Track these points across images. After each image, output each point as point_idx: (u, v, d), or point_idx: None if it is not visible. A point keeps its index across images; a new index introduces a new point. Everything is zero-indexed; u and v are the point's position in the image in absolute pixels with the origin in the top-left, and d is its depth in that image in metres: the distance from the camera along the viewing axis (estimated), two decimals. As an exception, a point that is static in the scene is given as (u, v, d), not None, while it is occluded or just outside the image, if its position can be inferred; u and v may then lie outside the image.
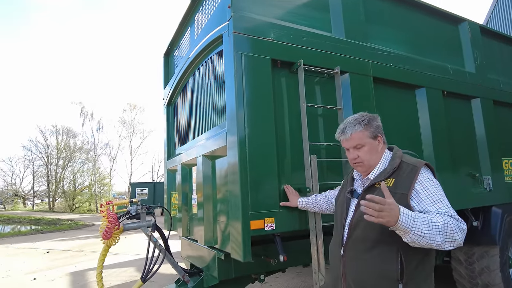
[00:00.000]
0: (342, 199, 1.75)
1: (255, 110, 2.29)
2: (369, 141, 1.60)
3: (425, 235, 1.28)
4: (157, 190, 20.35)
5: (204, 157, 2.83)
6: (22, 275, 6.18)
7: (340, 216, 1.69)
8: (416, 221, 1.29)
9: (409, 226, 1.28)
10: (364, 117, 1.62)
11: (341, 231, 1.65)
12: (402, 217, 1.27)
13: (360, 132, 1.60)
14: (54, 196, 35.49)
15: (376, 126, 1.63)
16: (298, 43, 2.56)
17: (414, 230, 1.28)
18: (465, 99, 3.66)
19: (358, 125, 1.61)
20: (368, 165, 1.61)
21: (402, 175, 1.51)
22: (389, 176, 1.53)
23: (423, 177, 1.48)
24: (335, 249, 1.71)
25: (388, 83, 3.03)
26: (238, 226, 2.17)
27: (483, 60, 3.87)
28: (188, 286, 2.86)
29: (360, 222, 1.51)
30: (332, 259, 1.76)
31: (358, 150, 1.61)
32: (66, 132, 35.46)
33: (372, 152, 1.60)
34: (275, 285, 4.85)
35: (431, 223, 1.30)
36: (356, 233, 1.55)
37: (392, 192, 1.40)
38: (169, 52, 4.37)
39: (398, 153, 1.62)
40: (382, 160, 1.62)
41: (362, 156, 1.60)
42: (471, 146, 3.60)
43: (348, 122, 1.65)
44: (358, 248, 1.53)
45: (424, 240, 1.29)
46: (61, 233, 13.70)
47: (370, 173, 1.61)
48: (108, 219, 2.54)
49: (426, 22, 3.60)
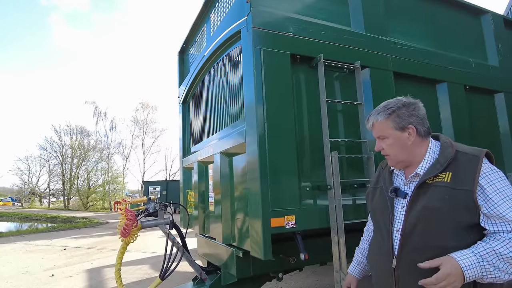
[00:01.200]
0: (381, 199, 1.46)
1: (274, 106, 2.25)
2: (393, 133, 1.36)
3: (500, 275, 1.10)
4: (170, 188, 20.56)
5: (222, 155, 2.81)
6: (40, 272, 6.30)
7: (383, 220, 1.41)
8: (483, 264, 1.10)
9: (480, 273, 1.10)
10: (391, 105, 1.38)
11: (388, 238, 1.36)
12: (467, 271, 1.08)
13: (381, 123, 1.39)
14: (69, 195, 36.24)
15: (408, 115, 1.35)
16: (317, 38, 2.52)
17: (487, 275, 1.10)
18: (488, 93, 3.55)
19: (381, 114, 1.39)
20: (396, 160, 1.39)
21: (461, 167, 1.24)
22: (443, 170, 1.26)
23: (486, 169, 1.22)
24: (380, 260, 1.41)
25: (409, 77, 2.96)
26: (258, 224, 2.14)
27: (507, 53, 3.74)
28: (206, 284, 2.85)
29: (416, 227, 1.26)
30: (378, 272, 1.45)
31: (382, 141, 1.41)
32: (80, 131, 36.18)
33: (398, 146, 1.36)
34: (290, 283, 4.81)
35: (500, 256, 1.10)
36: (413, 241, 1.27)
37: (452, 188, 1.20)
38: (184, 50, 4.37)
39: (448, 141, 1.35)
40: (429, 152, 1.35)
41: (386, 149, 1.40)
42: (494, 142, 3.49)
43: (375, 109, 1.44)
44: (416, 260, 1.22)
45: (502, 278, 1.11)
46: (76, 230, 13.96)
47: (418, 168, 1.34)
48: (127, 217, 2.54)
49: (447, 15, 3.49)
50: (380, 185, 1.51)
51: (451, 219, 1.19)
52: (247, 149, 2.34)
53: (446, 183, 1.23)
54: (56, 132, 36.90)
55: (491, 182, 1.19)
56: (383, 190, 1.45)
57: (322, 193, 2.36)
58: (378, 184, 1.52)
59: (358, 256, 1.72)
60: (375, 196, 1.52)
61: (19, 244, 10.11)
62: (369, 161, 2.49)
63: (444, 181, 1.24)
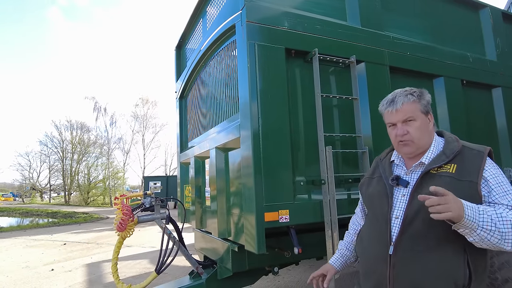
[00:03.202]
0: (379, 188, 1.46)
1: (269, 100, 2.25)
2: (421, 116, 1.36)
3: (495, 230, 1.11)
4: (170, 183, 20.59)
5: (217, 150, 2.82)
6: (40, 266, 6.35)
7: (380, 207, 1.41)
8: (483, 214, 1.12)
9: (476, 220, 1.11)
10: (415, 90, 1.39)
11: (386, 226, 1.35)
12: (468, 210, 1.10)
13: (413, 104, 1.36)
14: (70, 190, 36.35)
15: (428, 102, 1.39)
16: (313, 32, 2.50)
17: (482, 225, 1.11)
18: (485, 88, 3.53)
19: (411, 96, 1.37)
20: (417, 145, 1.36)
21: (466, 161, 1.29)
22: (449, 162, 1.30)
23: (490, 164, 1.29)
24: (376, 248, 1.39)
25: (405, 72, 2.95)
26: (252, 218, 2.15)
27: (505, 47, 3.72)
28: (202, 278, 2.87)
29: (418, 214, 1.27)
30: (369, 259, 1.44)
31: (407, 124, 1.36)
32: (80, 127, 36.14)
33: (423, 130, 1.36)
34: (287, 278, 4.84)
35: (501, 217, 1.13)
36: (414, 228, 1.28)
37: (457, 179, 1.24)
38: (181, 45, 4.35)
39: (453, 136, 1.40)
40: (434, 143, 1.38)
41: (412, 133, 1.35)
42: (491, 137, 3.48)
43: (397, 93, 1.41)
44: (416, 247, 1.26)
45: (494, 237, 1.11)
46: (76, 225, 14.02)
47: (423, 157, 1.36)
48: (123, 211, 2.56)
49: (444, 9, 3.47)
50: (376, 175, 1.51)
51: None
52: (241, 144, 2.34)
53: (451, 173, 1.27)
54: (56, 127, 36.98)
55: (494, 175, 1.26)
56: (382, 179, 1.45)
57: (316, 187, 2.36)
58: (375, 175, 1.53)
59: (342, 249, 1.72)
60: (370, 185, 1.53)
61: (20, 239, 10.17)
62: (364, 155, 2.49)
63: (449, 172, 1.27)
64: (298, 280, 4.72)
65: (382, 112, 1.46)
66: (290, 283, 4.63)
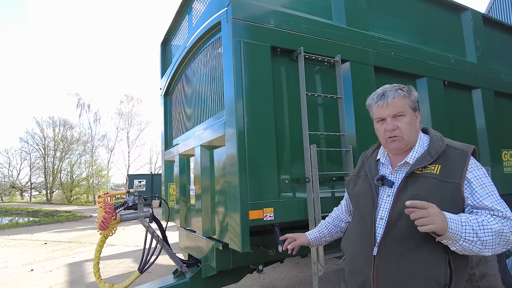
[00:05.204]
0: (364, 188, 1.45)
1: (254, 98, 2.24)
2: (410, 111, 1.35)
3: (476, 241, 1.12)
4: (155, 181, 20.37)
5: (202, 147, 2.79)
6: (19, 266, 6.16)
7: (366, 207, 1.40)
8: (465, 225, 1.13)
9: (459, 232, 1.12)
10: (403, 86, 1.38)
11: (371, 227, 1.35)
12: (451, 223, 1.10)
13: (403, 99, 1.34)
14: (52, 188, 35.41)
15: (415, 98, 1.38)
16: (298, 30, 2.50)
17: (465, 236, 1.12)
18: (466, 89, 3.63)
19: (401, 91, 1.35)
20: (406, 141, 1.35)
21: (449, 161, 1.27)
22: (434, 161, 1.28)
23: (473, 165, 1.27)
24: (360, 248, 1.40)
25: (389, 72, 2.99)
26: (237, 216, 2.14)
27: (485, 50, 3.82)
28: (186, 277, 2.84)
29: (402, 216, 1.24)
30: (354, 259, 1.45)
31: (397, 120, 1.34)
32: (63, 123, 35.19)
33: (412, 126, 1.34)
34: (272, 276, 4.86)
35: (483, 226, 1.14)
36: (398, 230, 1.27)
37: (440, 181, 1.23)
38: (166, 41, 4.29)
39: (438, 135, 1.38)
40: (419, 142, 1.37)
41: (402, 128, 1.33)
42: (471, 136, 3.58)
43: (387, 87, 1.39)
44: (399, 248, 1.26)
45: (475, 247, 1.13)
46: (58, 224, 13.69)
47: (408, 157, 1.34)
48: (105, 210, 2.50)
49: (428, 11, 3.53)
50: (363, 173, 1.50)
51: None
52: (226, 142, 2.32)
53: (435, 175, 1.25)
54: (38, 124, 35.91)
55: (477, 176, 1.25)
56: (368, 178, 1.44)
57: (301, 185, 2.37)
58: (361, 173, 1.52)
59: (321, 226, 1.77)
60: (357, 184, 1.52)
61: (-2, 239, 9.86)
62: (348, 154, 2.52)
63: (433, 173, 1.26)
64: (283, 278, 4.74)
65: (372, 106, 1.42)
66: (275, 280, 4.65)
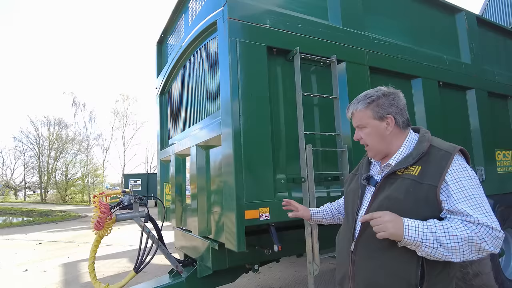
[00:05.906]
0: (355, 186, 1.50)
1: (250, 98, 2.24)
2: (372, 122, 1.37)
3: (438, 247, 1.12)
4: (151, 181, 20.30)
5: (198, 147, 2.79)
6: (13, 267, 6.11)
7: (352, 206, 1.46)
8: (427, 232, 1.13)
9: (420, 239, 1.13)
10: (371, 95, 1.39)
11: (352, 223, 1.42)
12: (408, 231, 1.13)
13: (361, 112, 1.39)
14: (46, 188, 35.11)
15: (388, 105, 1.36)
16: (294, 31, 2.51)
17: (426, 243, 1.12)
18: (460, 90, 3.66)
19: (361, 103, 1.40)
20: (375, 150, 1.41)
21: (431, 162, 1.26)
22: (414, 163, 1.28)
23: (456, 167, 1.23)
24: (344, 243, 1.47)
25: (385, 72, 3.00)
26: (233, 216, 2.14)
27: (478, 51, 3.86)
28: (182, 277, 2.84)
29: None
30: (339, 253, 1.54)
31: (361, 130, 1.42)
32: (58, 123, 34.87)
33: (376, 136, 1.38)
34: (268, 275, 4.87)
35: (448, 232, 1.12)
36: (371, 228, 1.27)
37: (417, 182, 1.24)
38: (162, 41, 4.28)
39: (426, 135, 1.36)
40: (405, 144, 1.37)
41: (365, 139, 1.41)
42: (465, 137, 3.61)
43: (356, 98, 1.45)
44: (372, 246, 1.30)
45: (438, 253, 1.12)
46: (53, 224, 13.59)
47: (391, 158, 1.37)
48: (100, 209, 2.50)
49: (423, 12, 3.56)
50: (358, 172, 1.57)
51: (411, 211, 1.22)
52: (222, 142, 2.33)
53: (413, 176, 1.26)
54: (32, 123, 35.61)
55: (457, 179, 1.20)
56: (358, 177, 1.51)
57: (297, 185, 2.38)
58: (357, 172, 1.58)
59: (326, 208, 1.83)
60: (352, 182, 1.58)
61: (-9, 239, 9.76)
62: (343, 154, 2.53)
63: (412, 174, 1.27)
64: (278, 278, 4.76)
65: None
66: (270, 280, 4.66)
